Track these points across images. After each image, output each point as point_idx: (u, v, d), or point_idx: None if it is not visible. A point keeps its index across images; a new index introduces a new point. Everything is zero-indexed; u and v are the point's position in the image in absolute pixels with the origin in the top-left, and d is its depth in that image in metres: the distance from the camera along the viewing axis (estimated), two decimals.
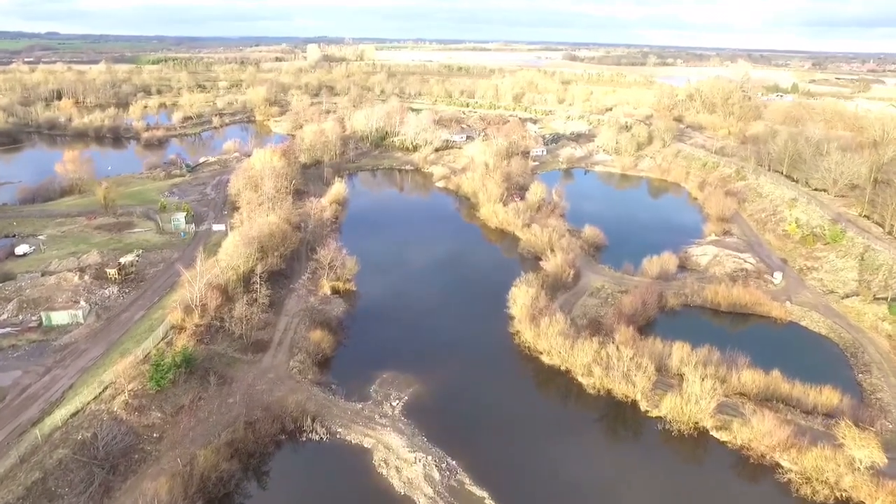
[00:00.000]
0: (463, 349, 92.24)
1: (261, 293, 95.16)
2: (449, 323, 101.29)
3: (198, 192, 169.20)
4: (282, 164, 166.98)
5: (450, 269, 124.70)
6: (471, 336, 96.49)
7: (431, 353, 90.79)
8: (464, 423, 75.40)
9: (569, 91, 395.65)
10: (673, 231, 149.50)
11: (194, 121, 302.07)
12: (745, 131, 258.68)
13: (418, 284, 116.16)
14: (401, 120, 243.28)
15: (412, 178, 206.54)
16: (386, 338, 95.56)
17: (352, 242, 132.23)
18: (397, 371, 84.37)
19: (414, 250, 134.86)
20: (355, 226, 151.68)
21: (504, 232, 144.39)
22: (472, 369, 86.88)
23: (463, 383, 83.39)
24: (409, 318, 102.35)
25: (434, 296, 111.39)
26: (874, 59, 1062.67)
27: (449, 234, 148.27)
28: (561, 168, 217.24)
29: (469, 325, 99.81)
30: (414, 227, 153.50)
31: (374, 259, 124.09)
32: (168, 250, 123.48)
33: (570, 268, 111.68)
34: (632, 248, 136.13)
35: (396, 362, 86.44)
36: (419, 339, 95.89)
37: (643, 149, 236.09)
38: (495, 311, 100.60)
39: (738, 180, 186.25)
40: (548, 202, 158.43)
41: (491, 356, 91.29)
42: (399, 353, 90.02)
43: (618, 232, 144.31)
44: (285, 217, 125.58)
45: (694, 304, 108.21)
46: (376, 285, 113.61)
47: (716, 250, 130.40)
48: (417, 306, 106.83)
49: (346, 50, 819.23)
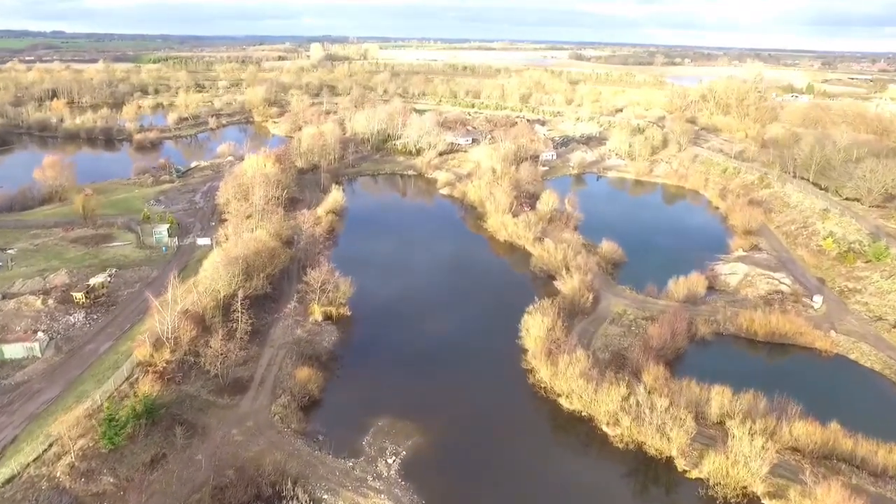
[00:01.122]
0: (471, 389, 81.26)
1: (242, 324, 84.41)
2: (455, 356, 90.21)
3: (186, 200, 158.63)
4: (275, 171, 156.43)
5: (455, 290, 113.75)
6: (480, 372, 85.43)
7: (435, 394, 79.94)
8: (471, 484, 64.53)
9: (577, 91, 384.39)
10: (695, 244, 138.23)
11: (190, 122, 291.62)
12: (763, 134, 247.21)
13: (420, 308, 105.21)
14: (403, 122, 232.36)
15: (415, 184, 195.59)
16: (383, 373, 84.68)
17: (348, 258, 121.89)
18: (395, 417, 73.55)
19: (416, 267, 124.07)
20: (353, 238, 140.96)
21: (514, 246, 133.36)
22: (482, 415, 75.89)
23: (471, 433, 72.44)
24: (410, 349, 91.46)
25: (438, 321, 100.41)
26: (884, 58, 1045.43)
27: (454, 248, 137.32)
28: (572, 173, 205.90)
29: (477, 360, 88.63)
30: (416, 239, 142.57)
31: (371, 278, 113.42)
32: (147, 267, 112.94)
33: (589, 291, 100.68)
34: (652, 264, 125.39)
35: (394, 405, 75.65)
36: (421, 375, 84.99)
37: (658, 153, 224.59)
38: (506, 342, 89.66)
39: (762, 188, 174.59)
40: (560, 212, 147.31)
41: (502, 398, 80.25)
42: (398, 394, 79.24)
43: (636, 246, 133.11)
44: (275, 231, 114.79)
45: (727, 332, 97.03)
46: (374, 309, 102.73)
47: (745, 268, 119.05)
48: (419, 335, 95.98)
49: (350, 49, 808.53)
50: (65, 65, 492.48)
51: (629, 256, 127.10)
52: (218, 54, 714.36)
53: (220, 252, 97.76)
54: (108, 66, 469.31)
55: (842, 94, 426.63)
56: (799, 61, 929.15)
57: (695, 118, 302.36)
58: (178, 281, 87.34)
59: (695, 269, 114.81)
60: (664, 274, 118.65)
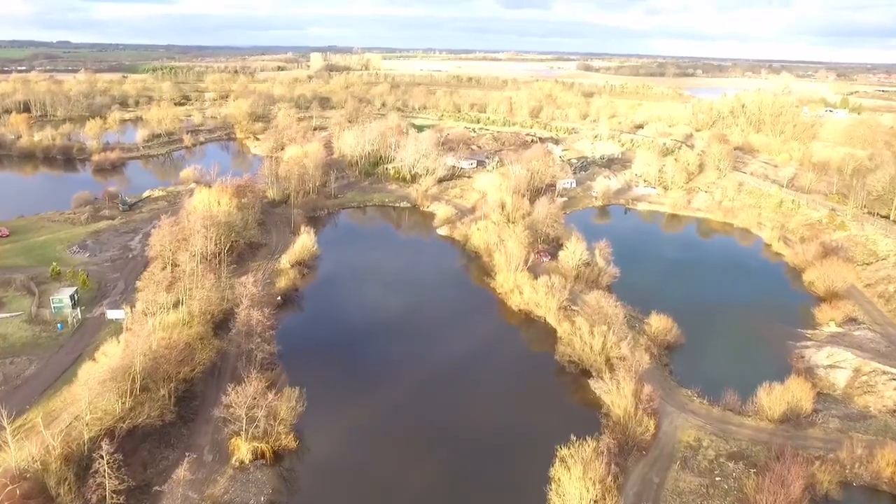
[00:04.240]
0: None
1: (109, 488, 52.63)
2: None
3: (119, 245, 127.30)
4: (230, 208, 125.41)
5: (454, 396, 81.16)
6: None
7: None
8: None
9: (592, 105, 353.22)
10: (764, 310, 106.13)
11: (163, 139, 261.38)
12: (810, 156, 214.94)
13: (402, 431, 72.96)
14: (397, 143, 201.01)
15: (409, 218, 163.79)
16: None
17: (309, 337, 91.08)
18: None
19: (397, 356, 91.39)
20: (320, 303, 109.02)
21: (531, 316, 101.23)
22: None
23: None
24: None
25: (429, 455, 68.50)
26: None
27: (452, 317, 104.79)
28: (595, 205, 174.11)
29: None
30: (402, 302, 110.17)
31: (335, 370, 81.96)
32: (26, 357, 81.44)
33: (648, 415, 68.29)
34: (717, 347, 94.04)
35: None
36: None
37: (693, 179, 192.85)
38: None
39: (833, 229, 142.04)
40: (589, 265, 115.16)
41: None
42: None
43: (689, 314, 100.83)
44: (202, 311, 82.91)
45: (860, 482, 64.62)
46: (334, 432, 70.73)
47: (852, 358, 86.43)
48: (399, 484, 63.95)
49: (352, 59, 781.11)
50: (49, 75, 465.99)
51: (684, 331, 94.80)
52: (216, 64, 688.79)
53: (102, 363, 65.94)
54: (91, 76, 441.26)
55: (880, 109, 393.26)
56: (810, 72, 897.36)
57: (723, 135, 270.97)
58: (7, 419, 55.45)
59: (771, 350, 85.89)
60: (736, 365, 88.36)
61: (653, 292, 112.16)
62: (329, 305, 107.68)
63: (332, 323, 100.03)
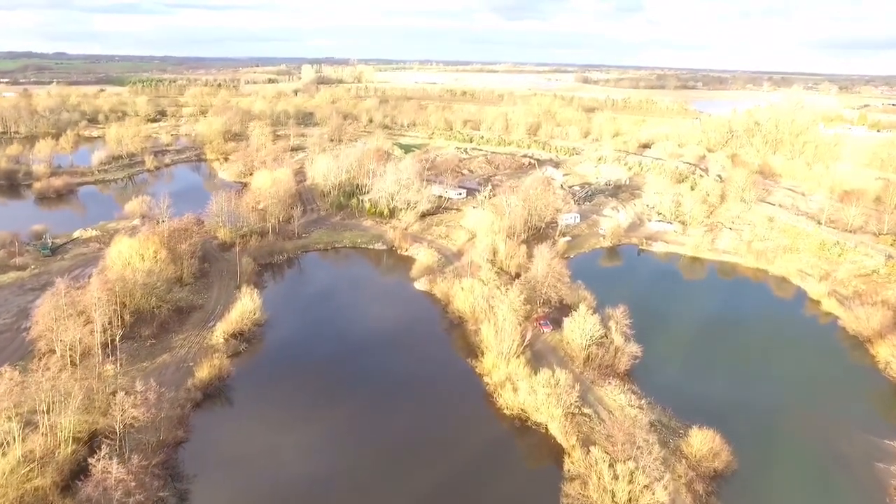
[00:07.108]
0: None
1: None
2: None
3: (15, 311, 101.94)
4: (157, 264, 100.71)
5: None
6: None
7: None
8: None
9: (593, 121, 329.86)
10: (831, 405, 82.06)
11: (124, 161, 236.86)
12: (840, 183, 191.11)
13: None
14: (376, 170, 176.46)
15: (384, 264, 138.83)
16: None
17: (226, 459, 65.75)
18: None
19: (359, 470, 66.77)
20: (262, 388, 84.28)
21: (526, 423, 76.08)
22: None
23: None
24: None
25: None
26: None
27: (424, 417, 79.81)
28: (604, 245, 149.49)
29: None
30: (365, 394, 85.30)
31: None
32: None
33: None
34: (783, 475, 69.40)
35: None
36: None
37: (714, 212, 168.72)
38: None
39: (893, 280, 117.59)
40: (602, 337, 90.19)
41: None
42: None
43: (734, 411, 76.69)
44: (61, 442, 57.63)
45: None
46: None
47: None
48: None
49: (345, 71, 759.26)
50: (23, 87, 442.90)
51: (733, 445, 69.79)
52: (207, 76, 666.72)
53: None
54: (64, 89, 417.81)
55: (893, 125, 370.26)
56: (815, 84, 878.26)
57: (736, 155, 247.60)
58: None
59: (855, 477, 61.94)
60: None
61: (683, 377, 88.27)
62: (267, 401, 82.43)
63: (275, 408, 75.04)
